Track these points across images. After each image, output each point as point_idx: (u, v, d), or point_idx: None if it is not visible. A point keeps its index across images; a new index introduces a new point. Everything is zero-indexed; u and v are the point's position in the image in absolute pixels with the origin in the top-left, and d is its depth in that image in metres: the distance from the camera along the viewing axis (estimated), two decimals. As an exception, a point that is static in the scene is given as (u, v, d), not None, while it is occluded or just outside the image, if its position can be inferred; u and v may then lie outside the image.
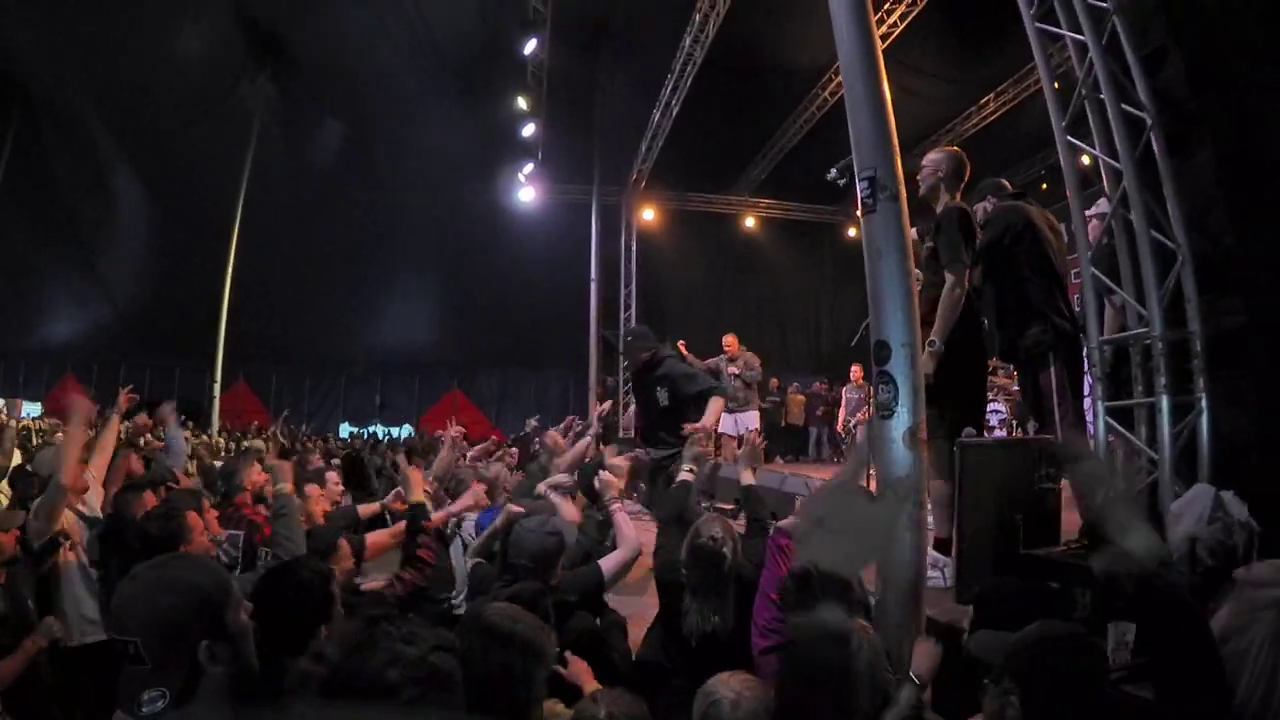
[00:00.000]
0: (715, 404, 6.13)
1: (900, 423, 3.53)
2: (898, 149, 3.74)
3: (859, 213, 3.79)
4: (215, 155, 18.46)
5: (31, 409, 23.03)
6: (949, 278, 4.52)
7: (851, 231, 19.00)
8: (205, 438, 16.29)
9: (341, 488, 6.16)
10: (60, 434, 13.31)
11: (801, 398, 17.13)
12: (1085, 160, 4.46)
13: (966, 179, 4.95)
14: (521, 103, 15.45)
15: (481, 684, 2.12)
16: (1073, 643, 2.14)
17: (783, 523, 3.55)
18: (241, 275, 18.55)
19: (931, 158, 4.94)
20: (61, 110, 19.50)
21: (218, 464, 7.97)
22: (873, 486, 3.98)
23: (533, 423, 10.51)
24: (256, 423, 20.25)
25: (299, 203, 20.08)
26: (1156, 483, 3.63)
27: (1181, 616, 2.18)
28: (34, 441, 13.59)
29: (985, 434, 10.14)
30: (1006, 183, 5.38)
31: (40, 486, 5.04)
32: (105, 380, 24.39)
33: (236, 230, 18.25)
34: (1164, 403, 3.58)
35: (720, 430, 12.39)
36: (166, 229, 21.31)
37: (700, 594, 3.33)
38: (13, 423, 16.27)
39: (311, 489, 4.95)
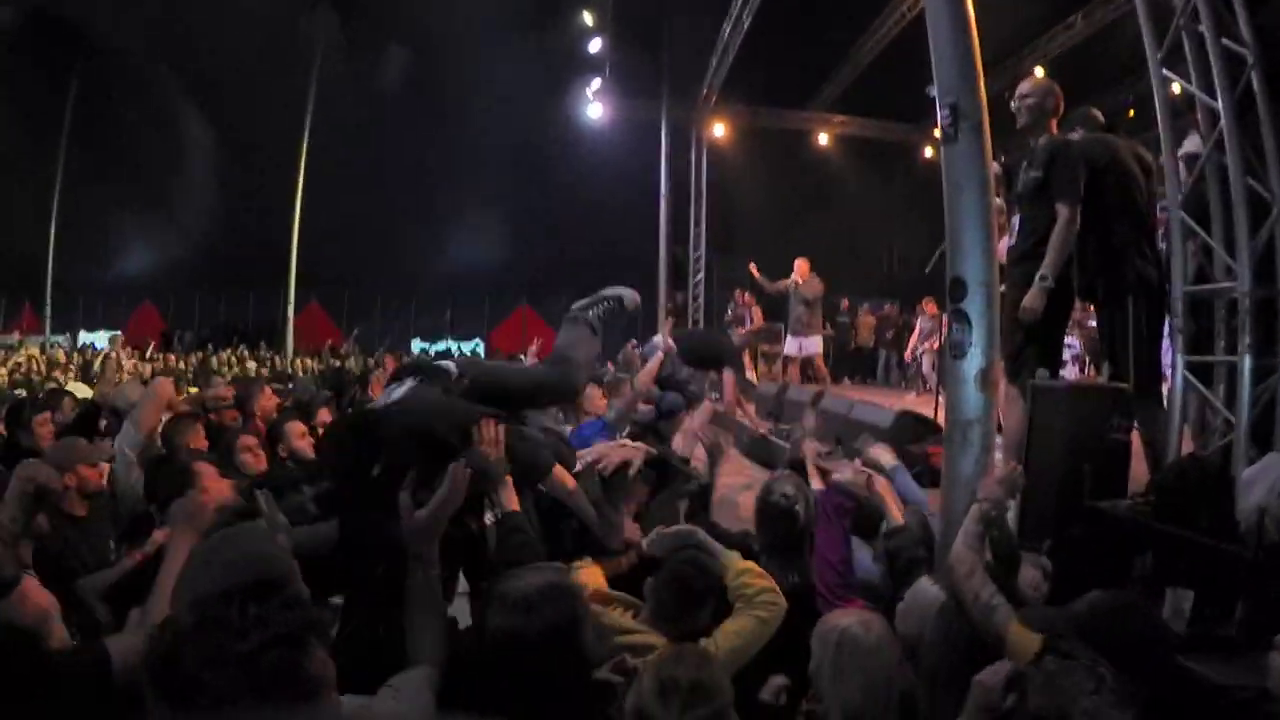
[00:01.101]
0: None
1: (973, 363, 3.45)
2: (981, 75, 3.59)
3: (940, 141, 3.65)
4: (280, 86, 18.64)
5: (106, 336, 23.96)
6: (1063, 211, 4.33)
7: (928, 152, 18.35)
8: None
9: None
10: (135, 367, 13.92)
11: (872, 320, 16.93)
12: (1176, 90, 4.21)
13: (1061, 110, 4.75)
14: (587, 18, 15.17)
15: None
16: (1138, 613, 2.15)
17: (838, 479, 3.52)
18: (310, 201, 18.88)
19: (1030, 87, 4.71)
20: (124, 52, 19.88)
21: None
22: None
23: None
24: (330, 341, 20.75)
25: (365, 128, 20.28)
26: (1231, 445, 3.51)
27: None
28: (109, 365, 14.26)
29: (1059, 369, 9.99)
30: (1098, 113, 5.12)
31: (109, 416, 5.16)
32: (181, 309, 25.37)
33: (304, 158, 18.46)
34: (1246, 363, 3.44)
35: (786, 352, 12.44)
36: (234, 161, 21.78)
37: (774, 554, 3.22)
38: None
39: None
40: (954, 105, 3.47)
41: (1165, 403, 4.40)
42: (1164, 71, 4.09)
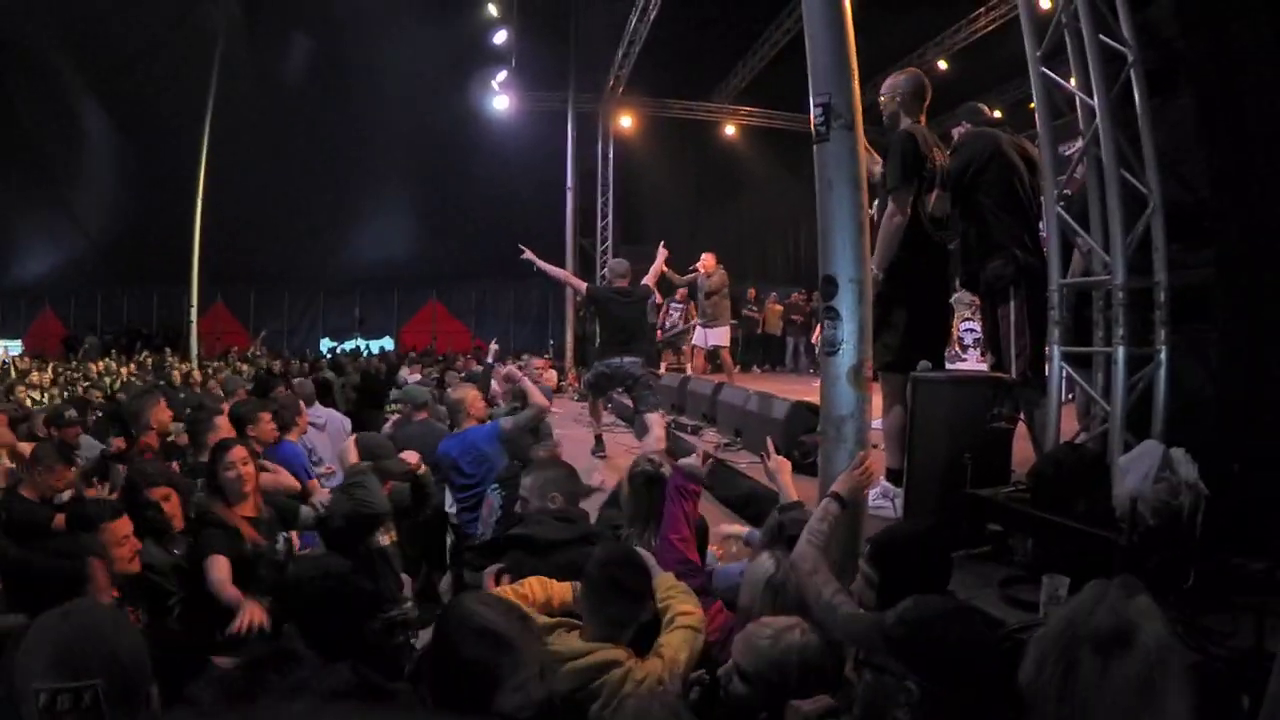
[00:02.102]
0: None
1: (845, 359, 3.51)
2: (856, 74, 3.62)
3: (812, 140, 3.68)
4: (180, 78, 17.97)
5: (12, 346, 22.81)
6: (890, 204, 4.47)
7: (832, 142, 18.66)
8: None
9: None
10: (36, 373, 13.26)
11: (779, 308, 17.14)
12: (1073, 83, 4.32)
13: (928, 100, 4.81)
14: (491, 9, 14.99)
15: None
16: (951, 619, 2.06)
17: (684, 463, 3.65)
18: (213, 197, 18.26)
19: (889, 82, 4.79)
20: (20, 45, 18.89)
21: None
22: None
23: (494, 348, 10.41)
24: (236, 347, 20.10)
25: (269, 121, 19.68)
26: (1107, 434, 3.62)
27: None
28: (11, 375, 13.52)
29: (961, 351, 10.25)
30: (984, 108, 5.24)
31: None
32: (83, 312, 24.25)
33: (204, 152, 17.83)
34: (1120, 353, 3.53)
35: (694, 343, 12.55)
36: (135, 157, 20.92)
37: (639, 523, 3.43)
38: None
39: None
40: (826, 104, 3.50)
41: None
42: (1043, 70, 4.18)
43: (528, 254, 8.62)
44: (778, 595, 2.62)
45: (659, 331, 14.34)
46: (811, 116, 3.56)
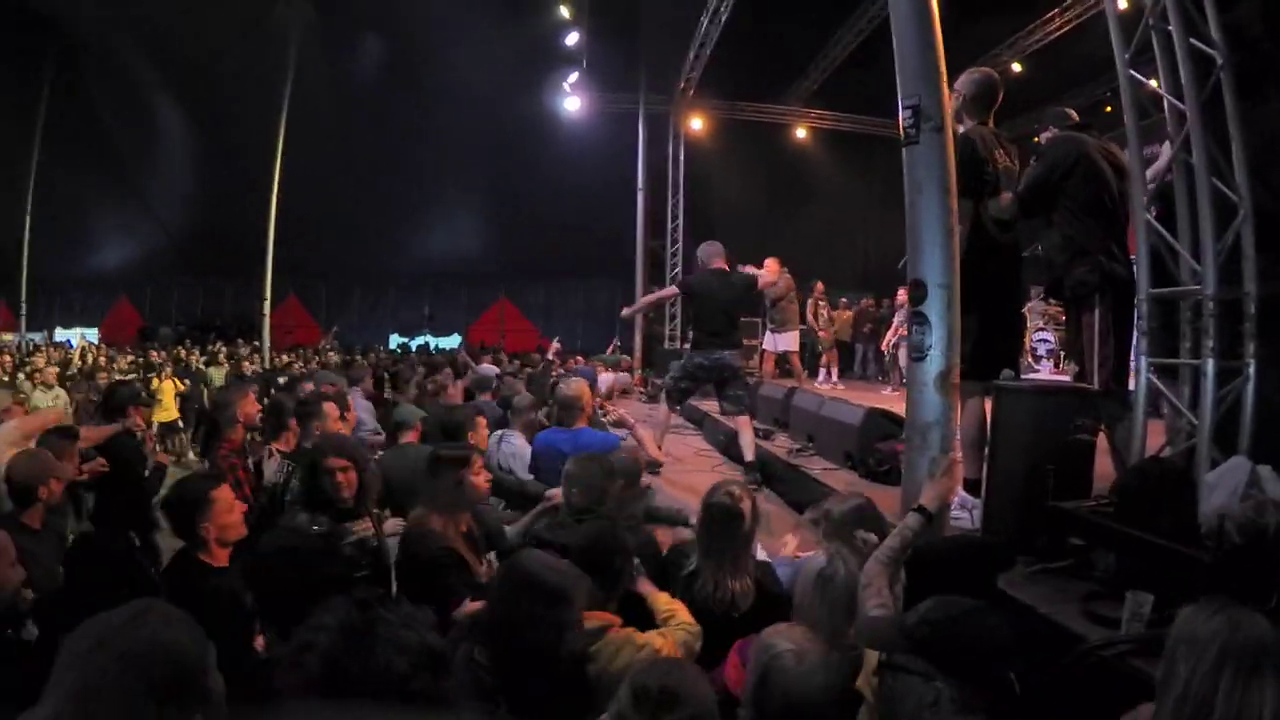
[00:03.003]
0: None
1: (934, 365, 3.46)
2: (945, 75, 3.56)
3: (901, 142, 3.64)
4: (256, 78, 18.47)
5: (89, 334, 23.71)
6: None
7: (905, 145, 18.41)
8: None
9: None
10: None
11: (848, 314, 16.92)
12: (1154, 85, 4.21)
13: (997, 102, 4.72)
14: (563, 10, 15.11)
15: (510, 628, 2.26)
16: (969, 613, 2.03)
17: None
18: (288, 193, 18.69)
19: (958, 83, 4.70)
20: (98, 45, 19.69)
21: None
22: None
23: (555, 346, 10.48)
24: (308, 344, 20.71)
25: (342, 119, 20.15)
26: (1194, 448, 3.52)
27: None
28: (86, 361, 14.10)
29: (1034, 362, 10.05)
30: (1072, 112, 5.10)
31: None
32: (158, 303, 25.11)
33: (280, 149, 18.29)
34: (1209, 366, 3.43)
35: (764, 348, 12.48)
36: (211, 153, 21.62)
37: (712, 556, 3.13)
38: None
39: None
40: (916, 106, 3.45)
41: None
42: (1131, 72, 4.08)
43: (626, 311, 8.91)
44: (826, 587, 2.59)
45: (884, 347, 14.20)
46: (900, 119, 3.52)
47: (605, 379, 7.85)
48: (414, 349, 21.57)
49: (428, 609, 1.97)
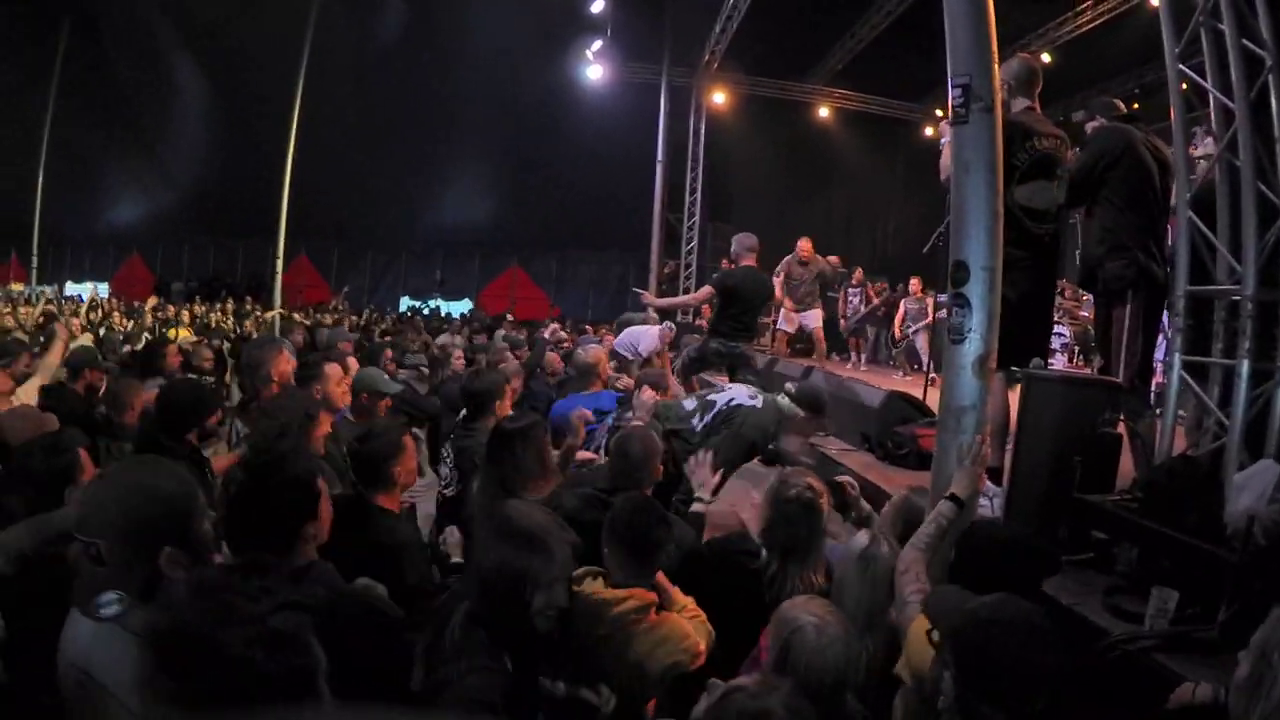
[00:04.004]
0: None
1: (972, 348, 3.43)
2: (996, 56, 3.53)
3: (949, 122, 3.60)
4: (274, 36, 18.35)
5: (100, 288, 23.78)
6: None
7: (928, 131, 18.25)
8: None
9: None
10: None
11: (862, 297, 16.87)
12: (1183, 86, 4.17)
13: (1039, 85, 4.70)
14: (590, -24, 15.01)
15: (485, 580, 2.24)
16: (1026, 630, 1.92)
17: None
18: (303, 153, 18.59)
19: (1003, 69, 4.68)
20: (116, 1, 19.50)
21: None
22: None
23: (554, 327, 10.37)
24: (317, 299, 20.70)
25: (360, 81, 20.04)
26: (1222, 448, 3.52)
27: None
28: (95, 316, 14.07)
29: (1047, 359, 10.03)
30: (1119, 103, 5.05)
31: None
32: (169, 260, 25.15)
33: (297, 108, 18.19)
34: (1244, 367, 3.43)
35: (778, 327, 12.46)
36: (226, 110, 21.55)
37: (792, 556, 2.98)
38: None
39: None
40: (967, 86, 3.41)
41: (1152, 400, 4.41)
42: (1181, 66, 4.05)
43: (644, 296, 8.54)
44: (868, 567, 2.62)
45: (842, 320, 14.22)
46: (950, 98, 3.48)
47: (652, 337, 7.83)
48: (425, 313, 21.54)
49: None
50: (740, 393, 4.92)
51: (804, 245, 11.89)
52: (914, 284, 13.27)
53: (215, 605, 1.39)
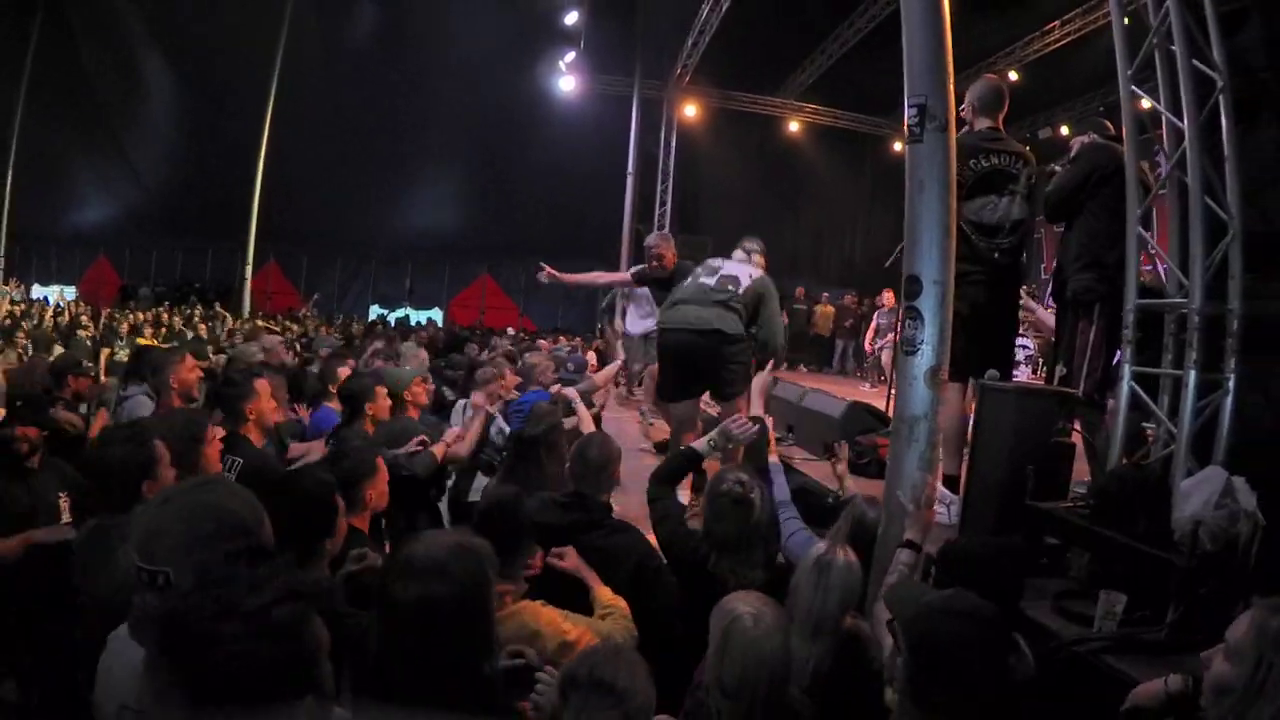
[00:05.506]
0: None
1: (924, 360, 3.51)
2: (952, 76, 3.61)
3: (905, 141, 3.69)
4: (247, 40, 18.24)
5: (67, 292, 23.38)
6: None
7: (897, 145, 18.51)
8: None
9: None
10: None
11: (830, 309, 17.04)
12: (1145, 104, 4.29)
13: (1004, 105, 4.83)
14: (564, -11, 15.09)
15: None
16: (975, 620, 1.98)
17: None
18: (274, 158, 18.48)
19: (969, 90, 4.79)
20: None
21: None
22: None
23: (505, 344, 10.30)
24: (287, 305, 20.49)
25: (331, 85, 19.92)
26: (1170, 456, 3.63)
27: None
28: (64, 319, 13.85)
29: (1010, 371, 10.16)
30: (1108, 123, 5.16)
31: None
32: (137, 263, 24.75)
33: (269, 114, 18.08)
34: (1191, 377, 3.54)
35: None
36: (198, 113, 21.28)
37: (727, 551, 3.07)
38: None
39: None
40: (922, 105, 3.49)
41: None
42: (1133, 87, 4.16)
43: (546, 271, 7.53)
44: (823, 573, 2.66)
45: (868, 346, 14.02)
46: (905, 117, 3.56)
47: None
48: (393, 322, 21.40)
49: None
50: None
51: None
52: (888, 296, 13.33)
53: (216, 596, 1.39)
